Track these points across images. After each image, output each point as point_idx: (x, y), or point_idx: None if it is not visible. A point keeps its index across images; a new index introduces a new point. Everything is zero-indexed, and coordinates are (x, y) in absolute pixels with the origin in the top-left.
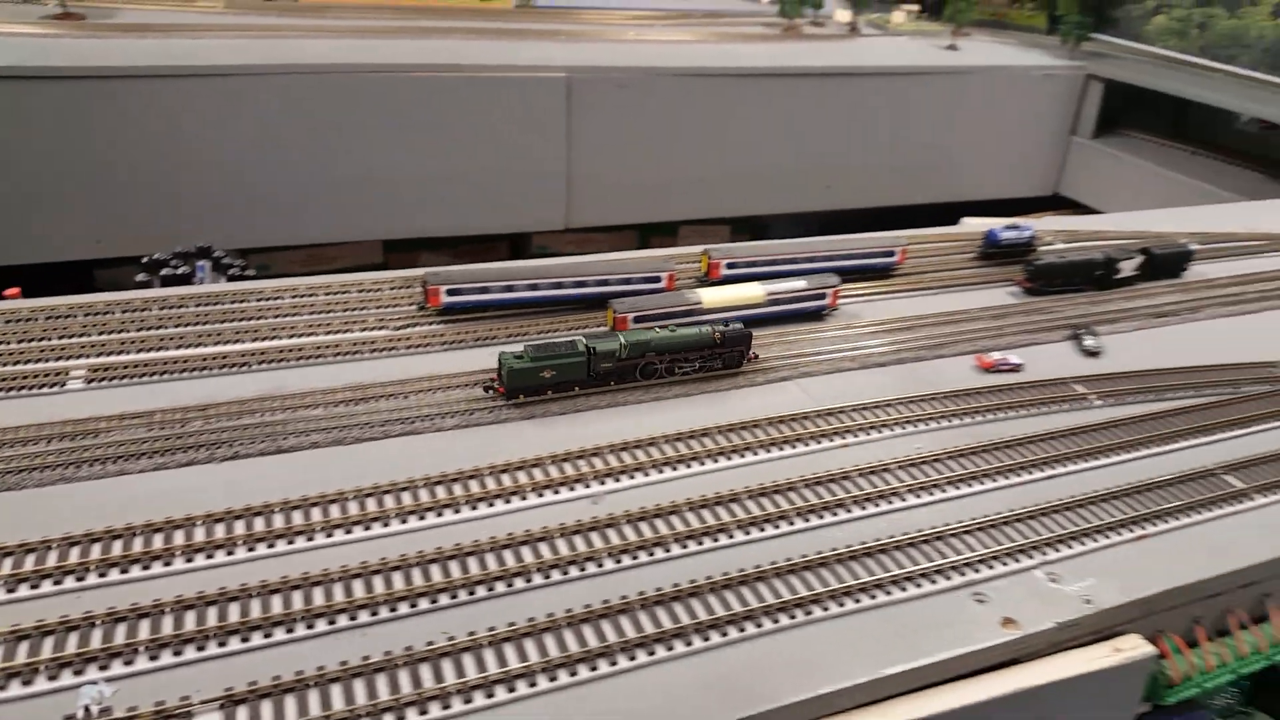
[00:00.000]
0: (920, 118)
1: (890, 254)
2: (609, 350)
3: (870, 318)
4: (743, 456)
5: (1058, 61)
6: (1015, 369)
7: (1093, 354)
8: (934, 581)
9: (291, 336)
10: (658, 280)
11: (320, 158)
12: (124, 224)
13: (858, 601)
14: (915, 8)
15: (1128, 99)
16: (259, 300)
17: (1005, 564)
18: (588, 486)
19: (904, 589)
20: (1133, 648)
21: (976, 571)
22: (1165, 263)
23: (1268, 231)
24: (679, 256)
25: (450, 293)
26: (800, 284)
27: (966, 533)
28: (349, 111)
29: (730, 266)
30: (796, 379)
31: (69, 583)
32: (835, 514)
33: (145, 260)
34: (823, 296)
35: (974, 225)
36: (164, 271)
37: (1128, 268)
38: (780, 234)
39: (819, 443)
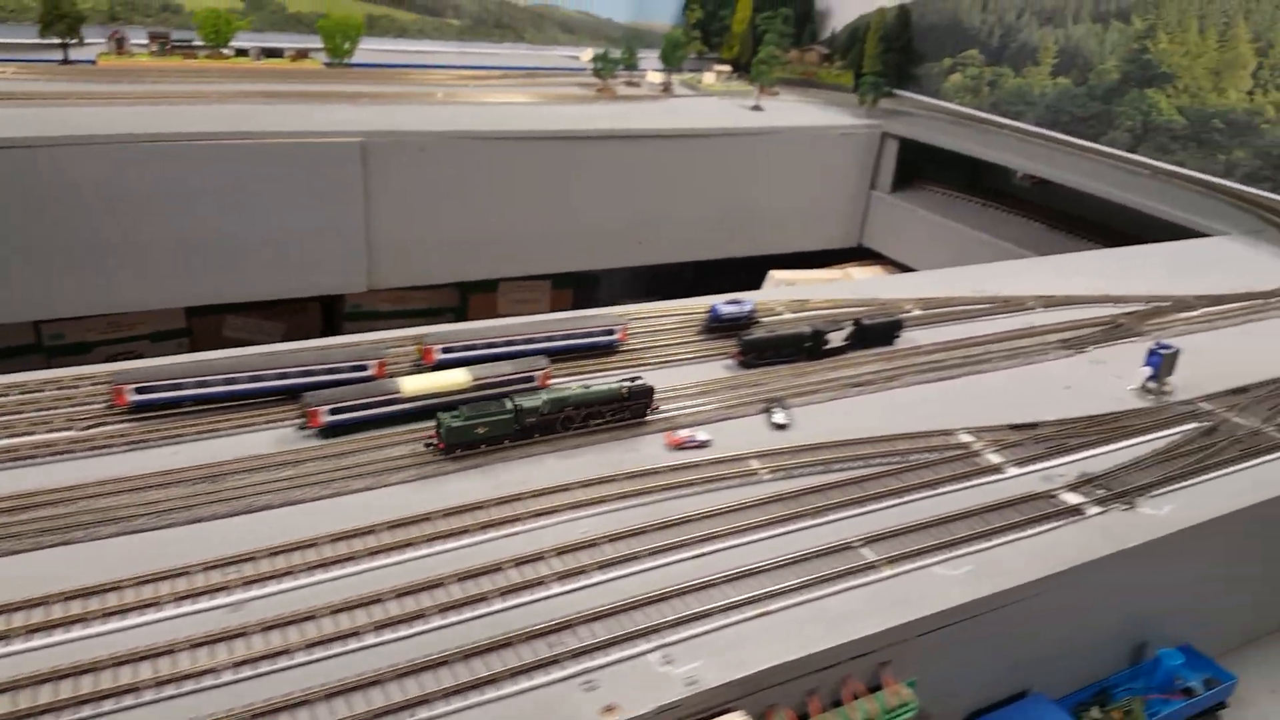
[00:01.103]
0: (728, 176)
1: (611, 332)
2: (533, 407)
3: None
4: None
5: (856, 120)
6: (702, 445)
7: (781, 427)
8: (549, 672)
9: None
10: (365, 369)
11: (114, 225)
12: None
13: (465, 699)
14: (727, 69)
15: (926, 154)
16: None
17: (622, 649)
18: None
19: (517, 683)
20: None
21: (593, 658)
22: (875, 332)
23: (994, 294)
24: (395, 341)
25: (139, 390)
26: (508, 368)
27: (595, 619)
28: (137, 179)
29: (446, 351)
30: (487, 466)
31: None
32: (476, 608)
33: None
34: (531, 379)
35: (778, 278)
36: None
37: (836, 338)
38: (609, 288)
39: (484, 533)
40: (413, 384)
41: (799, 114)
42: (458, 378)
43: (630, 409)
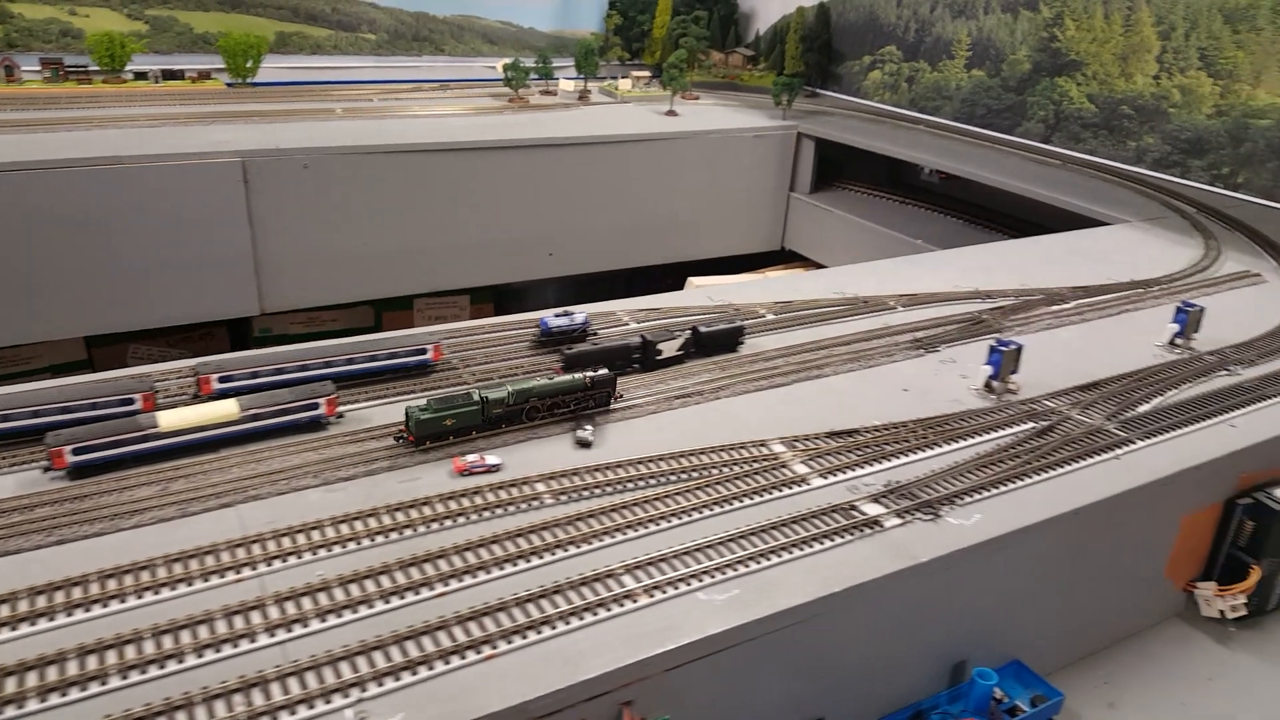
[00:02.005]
0: (642, 183)
1: (422, 351)
2: (499, 399)
3: (375, 423)
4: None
5: (771, 122)
6: (492, 470)
7: (585, 445)
8: None
9: None
10: (132, 403)
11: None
12: None
13: None
14: (645, 74)
15: (846, 153)
16: None
17: (310, 709)
18: None
19: None
20: None
21: (293, 714)
22: (715, 339)
23: (854, 295)
24: (167, 374)
25: None
26: (286, 395)
27: (291, 675)
28: (20, 207)
29: (223, 380)
30: (241, 504)
31: None
32: (166, 665)
33: None
34: (315, 406)
35: (696, 284)
36: None
37: (669, 348)
38: (536, 298)
39: (205, 580)
40: (172, 418)
41: (714, 118)
42: (224, 409)
43: (594, 398)
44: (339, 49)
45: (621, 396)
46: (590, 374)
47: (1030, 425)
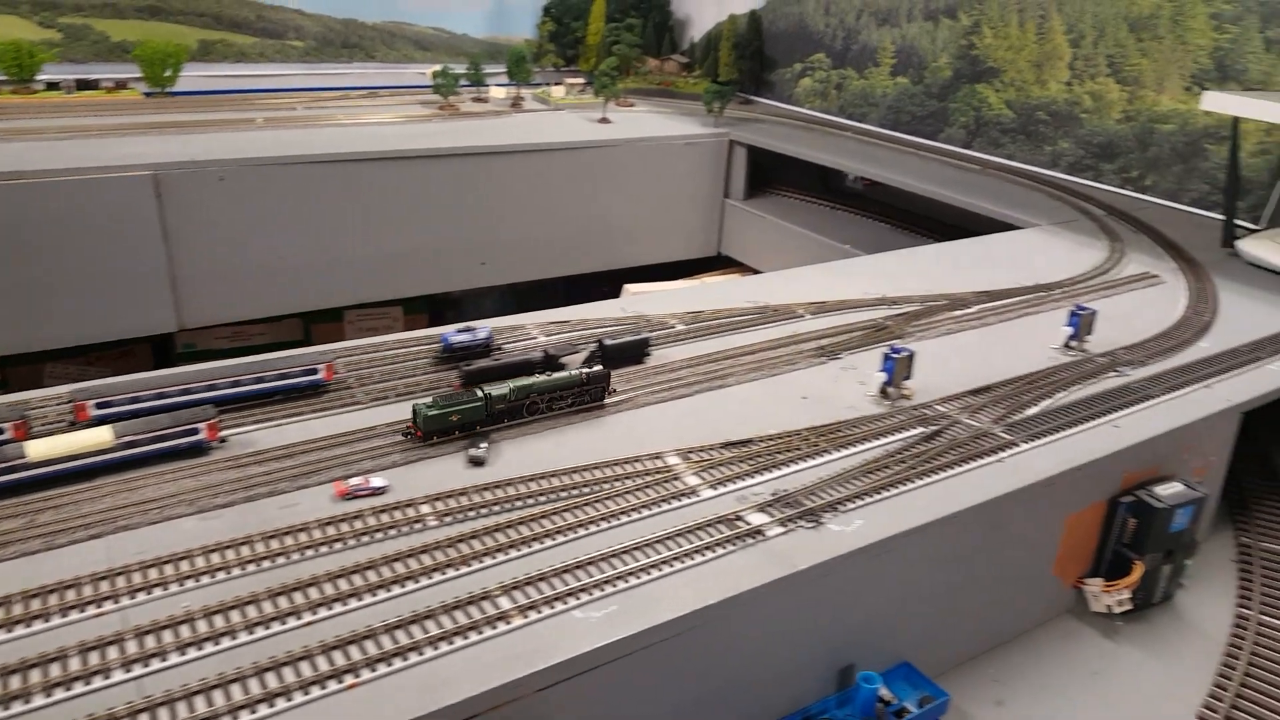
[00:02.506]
0: (575, 190)
1: (313, 371)
2: (501, 395)
3: (259, 447)
4: None
5: (703, 130)
6: (377, 492)
7: (478, 463)
8: None
9: None
10: (1, 433)
11: None
12: None
13: None
14: (579, 81)
15: (779, 159)
16: None
17: None
18: None
19: None
20: None
21: None
22: (621, 352)
23: (764, 304)
24: (45, 400)
25: None
26: (165, 420)
27: (144, 710)
28: None
29: (101, 407)
30: (111, 535)
31: None
32: (28, 701)
33: None
34: (195, 432)
35: (633, 291)
36: None
37: (574, 361)
38: (473, 307)
39: (64, 615)
40: (41, 448)
41: (648, 125)
42: (96, 437)
43: (589, 392)
44: (265, 56)
45: (615, 391)
46: (587, 370)
47: (920, 430)
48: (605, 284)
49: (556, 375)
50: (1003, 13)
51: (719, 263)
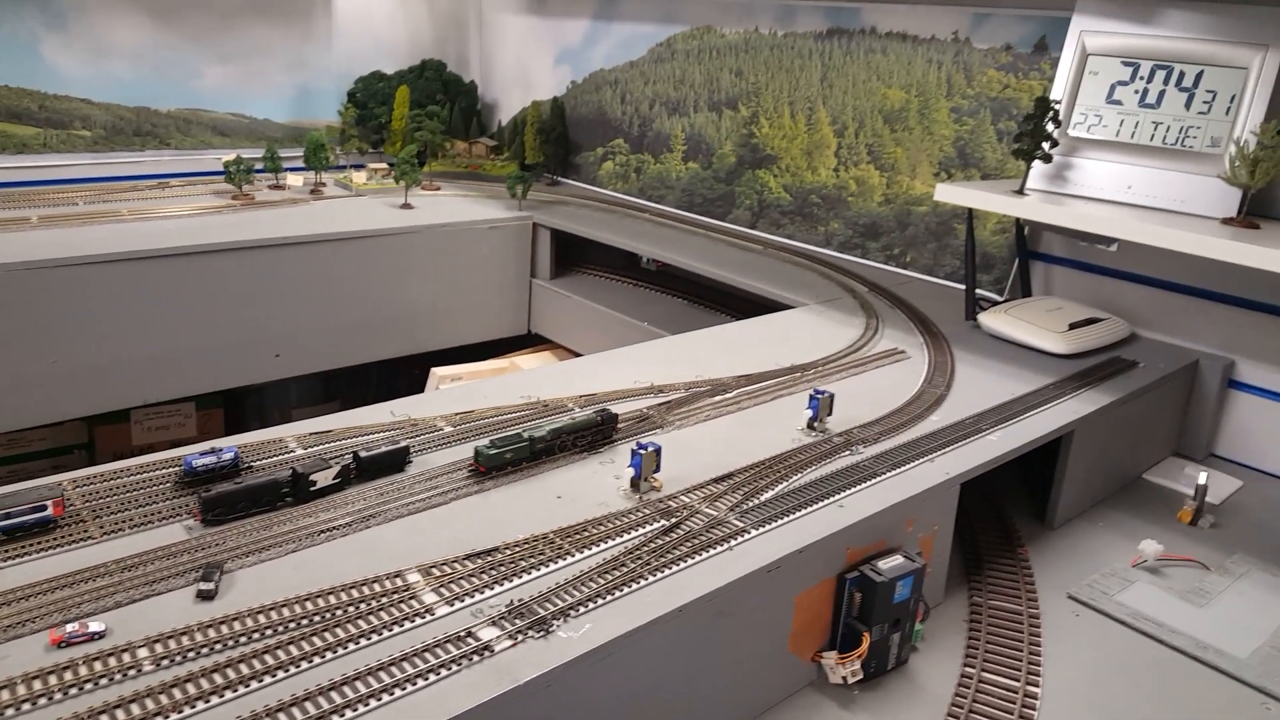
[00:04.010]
0: (379, 277)
1: (41, 508)
2: (541, 436)
3: None
4: None
5: (508, 213)
6: (94, 637)
7: (207, 597)
8: None
9: None
10: None
11: None
12: None
13: None
14: (382, 167)
15: (584, 240)
16: None
17: None
18: None
19: None
20: None
21: None
22: (377, 463)
23: (536, 399)
24: None
25: None
26: None
27: None
28: None
29: None
30: None
31: None
32: None
33: None
34: None
35: (440, 375)
36: None
37: (324, 478)
38: (278, 397)
39: None
40: None
41: (451, 209)
42: None
43: (602, 431)
44: (49, 147)
45: (619, 431)
46: (601, 412)
47: (661, 523)
48: (416, 367)
49: (579, 418)
50: (776, 105)
51: (532, 340)
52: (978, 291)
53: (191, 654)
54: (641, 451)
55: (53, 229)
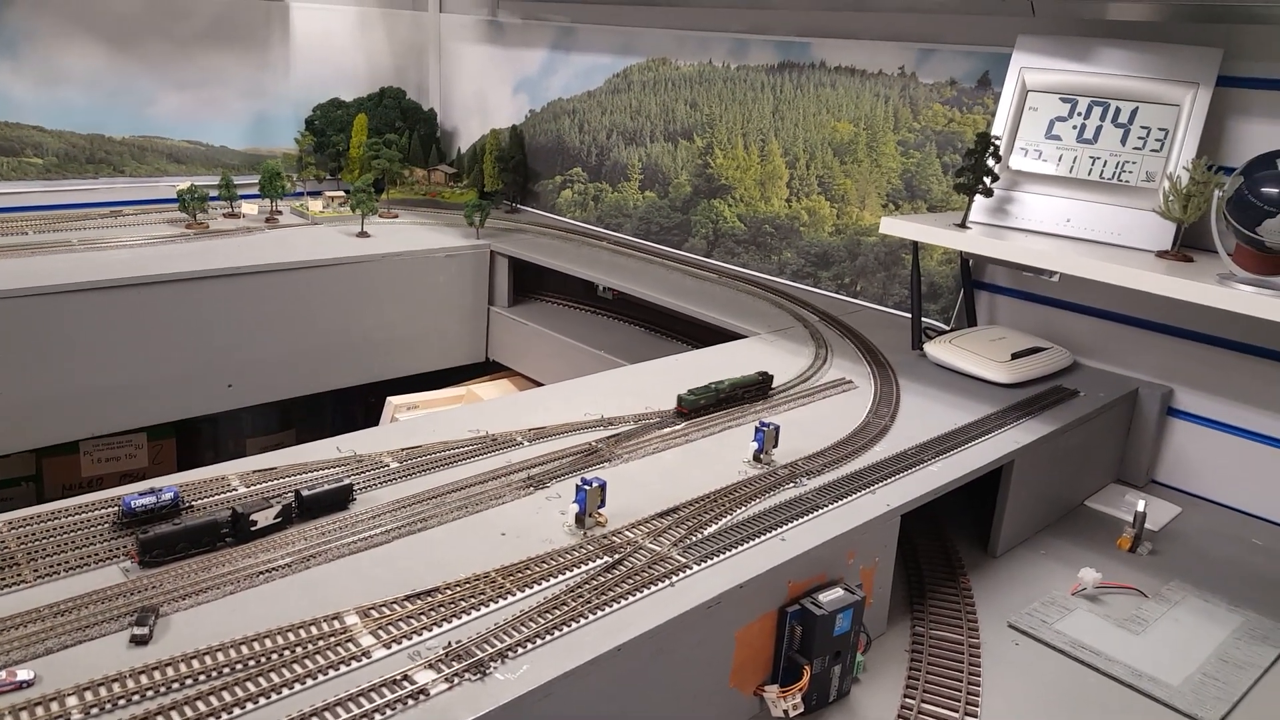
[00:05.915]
0: (334, 306)
1: None
2: (724, 387)
3: None
4: None
5: (465, 241)
6: (22, 686)
7: (141, 642)
8: None
9: None
10: None
11: None
12: None
13: None
14: (339, 195)
15: (542, 268)
16: None
17: None
18: None
19: None
20: None
21: None
22: (319, 501)
23: (485, 433)
24: None
25: None
26: None
27: None
28: None
29: None
30: None
31: None
32: None
33: None
34: None
35: (397, 404)
36: None
37: (265, 518)
38: (233, 427)
39: None
40: None
41: (408, 238)
42: None
43: (760, 388)
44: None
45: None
46: (760, 374)
47: (604, 560)
48: (372, 395)
49: (740, 376)
50: (730, 136)
51: (491, 367)
52: (924, 320)
53: (123, 701)
54: (586, 487)
55: (0, 259)
